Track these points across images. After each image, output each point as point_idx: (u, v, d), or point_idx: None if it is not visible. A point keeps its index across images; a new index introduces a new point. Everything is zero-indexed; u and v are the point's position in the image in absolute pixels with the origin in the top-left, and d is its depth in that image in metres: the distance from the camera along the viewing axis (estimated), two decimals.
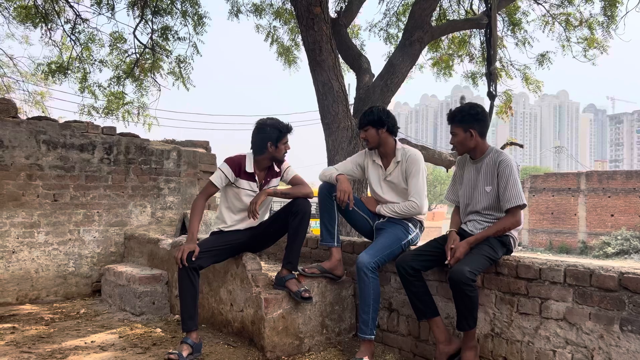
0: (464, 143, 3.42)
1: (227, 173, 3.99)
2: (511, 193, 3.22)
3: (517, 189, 3.22)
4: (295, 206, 3.90)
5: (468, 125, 3.38)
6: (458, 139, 3.42)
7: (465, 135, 3.39)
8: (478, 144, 3.42)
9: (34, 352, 3.81)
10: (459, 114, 3.42)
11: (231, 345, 3.94)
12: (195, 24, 10.46)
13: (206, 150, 7.30)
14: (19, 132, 5.72)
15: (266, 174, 4.08)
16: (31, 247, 5.77)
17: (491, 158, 3.38)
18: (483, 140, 3.44)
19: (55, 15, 10.36)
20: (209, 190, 4.09)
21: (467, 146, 3.43)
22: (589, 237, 33.86)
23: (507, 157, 3.32)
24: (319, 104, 7.20)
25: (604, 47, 10.45)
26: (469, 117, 3.39)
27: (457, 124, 3.41)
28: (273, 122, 4.01)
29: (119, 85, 11.02)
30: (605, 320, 2.75)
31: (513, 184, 3.23)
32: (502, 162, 3.30)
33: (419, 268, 3.35)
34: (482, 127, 3.41)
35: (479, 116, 3.41)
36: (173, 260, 5.06)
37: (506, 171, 3.26)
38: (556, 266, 2.97)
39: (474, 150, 3.44)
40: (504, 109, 10.89)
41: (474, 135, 3.38)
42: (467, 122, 3.38)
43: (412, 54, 7.68)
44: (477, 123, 3.39)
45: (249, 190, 4.03)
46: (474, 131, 3.38)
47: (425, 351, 3.64)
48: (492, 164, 3.36)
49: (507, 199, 3.23)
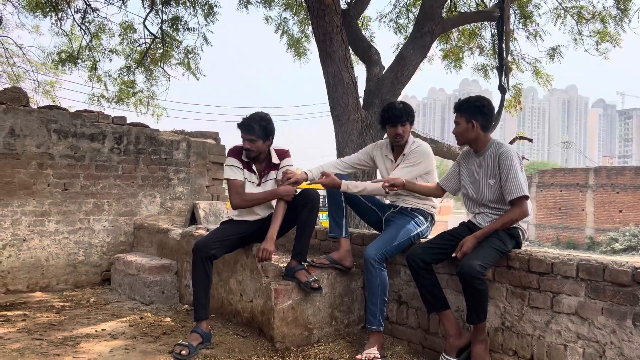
0: (464, 134, 3.42)
1: (236, 164, 4.00)
2: (512, 184, 3.21)
3: (518, 180, 3.20)
4: (304, 197, 3.90)
5: (471, 116, 3.37)
6: (459, 128, 3.43)
7: (467, 126, 3.39)
8: (479, 137, 3.41)
9: (46, 339, 3.85)
10: (465, 103, 3.43)
11: (240, 335, 3.96)
12: (206, 14, 10.44)
13: (215, 141, 7.30)
14: (30, 121, 5.74)
15: (265, 165, 4.05)
16: (42, 236, 5.81)
17: (492, 151, 3.38)
18: (485, 134, 3.42)
19: (65, 4, 10.36)
20: (237, 185, 3.99)
21: (467, 137, 3.42)
22: (597, 232, 33.67)
23: (507, 149, 3.31)
24: (329, 96, 7.18)
25: (616, 41, 10.34)
26: (474, 108, 3.39)
27: (462, 114, 3.41)
28: (246, 116, 3.96)
29: (130, 74, 11.04)
30: (617, 315, 2.74)
31: (514, 176, 3.21)
32: (502, 154, 3.29)
33: (429, 261, 3.35)
34: (485, 120, 3.40)
35: (484, 109, 3.39)
36: (183, 250, 5.09)
37: (507, 163, 3.25)
38: (568, 260, 2.96)
39: (475, 142, 3.44)
40: (513, 103, 10.82)
41: (476, 127, 3.37)
42: (470, 113, 3.38)
43: (422, 45, 7.63)
44: (481, 115, 3.38)
45: (250, 182, 4.04)
46: (476, 123, 3.37)
47: (434, 344, 3.64)
48: (493, 156, 3.36)
49: (509, 191, 3.22)
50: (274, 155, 4.07)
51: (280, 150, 4.10)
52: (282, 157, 4.08)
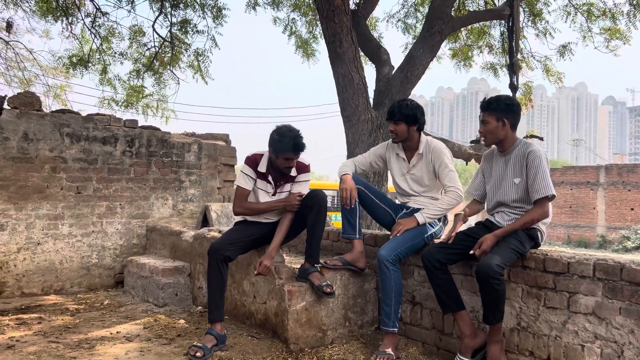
0: (495, 132, 3.36)
1: (250, 173, 3.98)
2: (540, 184, 3.19)
3: (547, 180, 3.19)
4: (310, 199, 3.88)
5: (502, 114, 3.33)
6: (489, 127, 3.37)
7: (498, 125, 3.34)
8: (508, 135, 3.37)
9: (62, 342, 3.87)
10: (495, 102, 3.37)
11: (254, 337, 3.96)
12: (215, 16, 10.48)
13: (226, 143, 7.32)
14: (43, 125, 5.79)
15: (281, 176, 4.00)
16: (55, 239, 5.85)
17: (520, 149, 3.35)
18: (513, 133, 3.40)
19: (75, 9, 10.44)
20: (243, 194, 4.00)
21: (497, 136, 3.38)
22: (608, 231, 33.38)
23: (536, 148, 3.29)
24: (339, 97, 7.18)
25: (626, 38, 10.26)
26: (504, 106, 3.35)
27: (491, 112, 3.36)
28: (284, 132, 3.83)
29: (139, 78, 11.10)
30: (636, 315, 2.71)
31: (543, 175, 3.19)
32: (531, 153, 3.27)
33: (444, 261, 3.33)
34: (514, 119, 3.37)
35: (514, 107, 3.38)
36: (195, 252, 5.11)
37: (535, 162, 3.23)
38: (585, 260, 2.94)
39: (503, 141, 3.39)
40: (523, 101, 10.77)
41: (506, 125, 3.34)
42: (501, 111, 3.34)
43: (432, 45, 7.61)
44: (511, 114, 3.35)
45: (264, 191, 4.02)
46: (507, 121, 3.34)
47: (449, 344, 3.63)
48: (521, 155, 3.32)
49: (537, 190, 3.20)
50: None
51: (301, 163, 4.01)
52: (301, 171, 4.01)
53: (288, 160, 3.84)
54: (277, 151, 3.82)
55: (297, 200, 3.89)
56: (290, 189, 4.02)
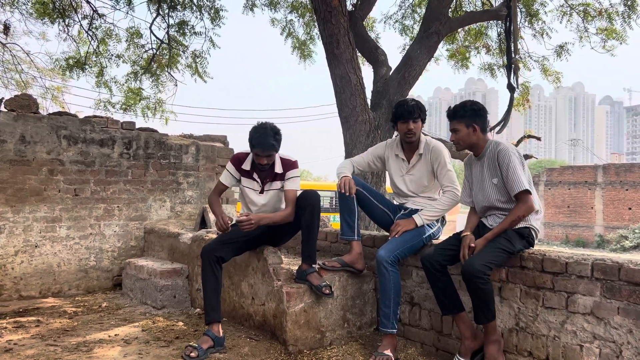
0: (467, 139, 3.41)
1: (232, 172, 4.06)
2: (513, 180, 3.22)
3: (517, 175, 3.21)
4: (304, 200, 3.88)
5: (471, 120, 3.38)
6: (460, 134, 3.42)
7: (468, 131, 3.40)
8: (479, 139, 3.42)
9: (60, 345, 3.86)
10: (461, 109, 3.42)
11: (253, 339, 3.96)
12: (212, 18, 10.47)
13: (224, 144, 7.32)
14: (40, 127, 5.77)
15: (267, 174, 4.00)
16: (53, 242, 5.84)
17: (491, 150, 3.39)
18: (484, 136, 3.44)
19: (72, 11, 10.42)
20: (219, 188, 4.15)
21: (469, 142, 3.42)
22: (606, 230, 33.45)
23: (504, 147, 3.33)
24: (337, 98, 7.17)
25: (622, 38, 10.28)
26: (471, 112, 3.40)
27: (460, 119, 3.41)
28: (257, 129, 3.85)
29: (136, 80, 11.08)
30: (634, 314, 2.71)
31: (513, 171, 3.22)
32: (500, 152, 3.31)
33: (444, 262, 3.34)
34: (483, 123, 3.42)
35: (481, 112, 3.42)
36: (193, 254, 5.10)
37: (505, 160, 3.26)
38: (583, 260, 2.94)
39: (475, 146, 3.44)
40: (521, 101, 10.78)
41: (477, 130, 3.38)
42: (469, 117, 3.39)
43: (429, 46, 7.60)
44: (479, 118, 3.40)
45: (251, 189, 4.05)
46: (477, 126, 3.38)
47: (448, 345, 3.63)
48: (492, 156, 3.37)
49: (511, 187, 3.24)
50: (278, 164, 3.99)
51: (286, 160, 4.02)
52: (288, 168, 4.00)
53: (258, 157, 3.85)
54: (249, 146, 3.89)
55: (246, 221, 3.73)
56: (280, 187, 4.03)
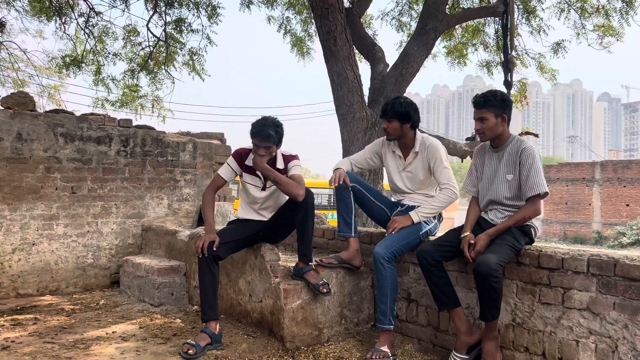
0: (494, 129, 3.34)
1: (233, 166, 4.06)
2: (534, 181, 3.19)
3: (540, 177, 3.19)
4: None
5: (500, 110, 3.32)
6: (489, 124, 3.33)
7: (497, 121, 3.33)
8: (505, 131, 3.38)
9: (57, 342, 3.86)
10: (493, 98, 3.33)
11: (250, 336, 3.96)
12: (209, 15, 10.45)
13: (221, 142, 7.31)
14: (37, 125, 5.76)
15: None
16: (50, 239, 5.83)
17: (513, 146, 3.35)
18: (508, 128, 3.41)
19: (68, 8, 10.40)
20: (216, 182, 4.10)
21: (496, 132, 3.36)
22: (604, 227, 33.52)
23: (529, 146, 3.29)
24: (334, 95, 7.18)
25: (620, 35, 10.29)
26: (502, 102, 3.33)
27: (489, 108, 3.32)
28: (260, 120, 3.90)
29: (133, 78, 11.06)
30: (630, 310, 2.73)
31: (536, 172, 3.20)
32: (524, 150, 3.27)
33: (440, 258, 3.34)
34: (510, 115, 3.37)
35: (509, 103, 3.38)
36: (191, 251, 5.10)
37: (529, 159, 3.23)
38: (579, 256, 2.95)
39: (498, 137, 3.39)
40: (518, 98, 10.79)
41: (505, 121, 3.35)
42: (499, 107, 3.32)
43: (426, 43, 7.62)
44: (508, 109, 3.35)
45: (253, 185, 4.06)
46: (506, 117, 3.34)
47: (445, 341, 3.64)
48: (514, 152, 3.32)
49: (530, 187, 3.20)
50: (279, 159, 4.01)
51: (287, 155, 4.04)
52: (289, 161, 4.02)
53: (257, 148, 3.84)
54: (250, 135, 3.87)
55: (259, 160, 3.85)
56: None
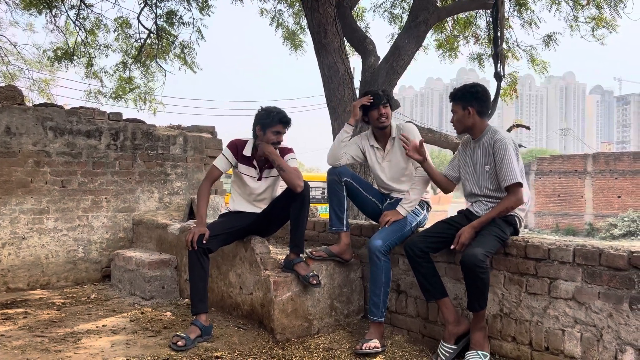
0: (462, 121, 3.44)
1: (229, 157, 4.06)
2: (506, 172, 3.23)
3: (512, 167, 3.22)
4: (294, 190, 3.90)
5: (467, 103, 3.40)
6: (457, 116, 3.46)
7: (464, 113, 3.41)
8: (476, 123, 3.42)
9: (47, 336, 3.86)
10: (460, 91, 3.46)
11: (241, 328, 3.98)
12: (201, 8, 10.40)
13: (212, 135, 7.29)
14: (26, 119, 5.73)
15: (265, 160, 4.04)
16: (41, 234, 5.81)
17: (488, 137, 3.40)
18: (482, 120, 3.44)
19: (59, 1, 10.32)
20: (212, 174, 4.10)
21: (465, 124, 3.44)
22: (596, 219, 33.75)
23: (502, 136, 3.32)
24: (325, 88, 7.17)
25: (612, 27, 10.32)
26: (469, 95, 3.41)
27: (457, 102, 3.44)
28: (269, 108, 3.97)
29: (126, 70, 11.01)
30: (614, 299, 2.76)
31: (508, 162, 3.23)
32: (497, 142, 3.31)
33: (427, 250, 3.36)
34: (481, 106, 3.41)
35: (479, 95, 3.42)
36: (182, 244, 5.10)
37: (501, 150, 3.27)
38: (565, 246, 2.98)
39: (472, 129, 3.45)
40: (508, 91, 10.82)
41: (472, 113, 3.39)
42: (466, 100, 3.40)
43: (417, 35, 7.62)
44: (476, 101, 3.40)
45: (248, 176, 4.06)
46: (472, 109, 3.39)
47: (433, 332, 3.67)
48: (488, 143, 3.38)
49: (503, 178, 3.25)
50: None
51: (282, 148, 4.07)
52: (285, 154, 4.05)
53: (277, 135, 3.90)
54: (265, 126, 3.88)
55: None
56: (277, 174, 4.05)
